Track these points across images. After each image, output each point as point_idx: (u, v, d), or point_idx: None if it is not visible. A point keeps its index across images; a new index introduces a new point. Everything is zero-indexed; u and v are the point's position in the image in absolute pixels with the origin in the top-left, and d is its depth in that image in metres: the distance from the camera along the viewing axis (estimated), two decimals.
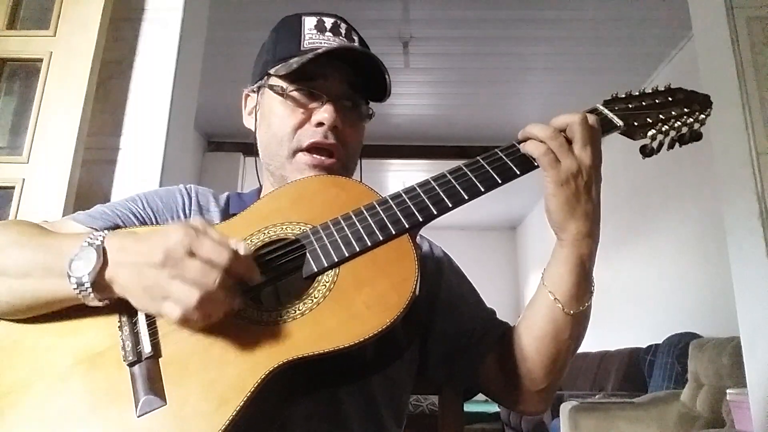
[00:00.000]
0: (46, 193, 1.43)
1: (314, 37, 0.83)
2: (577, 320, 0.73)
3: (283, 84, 0.83)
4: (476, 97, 4.65)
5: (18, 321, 0.64)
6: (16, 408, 0.58)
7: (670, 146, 0.78)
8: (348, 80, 0.83)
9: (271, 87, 0.84)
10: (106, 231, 0.63)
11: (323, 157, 0.81)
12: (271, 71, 0.84)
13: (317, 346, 0.59)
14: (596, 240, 0.72)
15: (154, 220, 0.81)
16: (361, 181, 0.78)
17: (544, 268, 0.75)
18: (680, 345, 3.32)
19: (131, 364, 0.60)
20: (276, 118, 0.83)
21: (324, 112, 0.80)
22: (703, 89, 0.80)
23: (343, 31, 0.85)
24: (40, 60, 1.53)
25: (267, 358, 0.58)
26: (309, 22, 0.84)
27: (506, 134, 5.17)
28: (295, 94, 0.82)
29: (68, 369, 0.60)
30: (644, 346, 3.83)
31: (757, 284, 1.59)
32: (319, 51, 0.79)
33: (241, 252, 0.59)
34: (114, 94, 1.58)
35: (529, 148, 0.70)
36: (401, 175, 6.56)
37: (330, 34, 0.83)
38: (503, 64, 4.08)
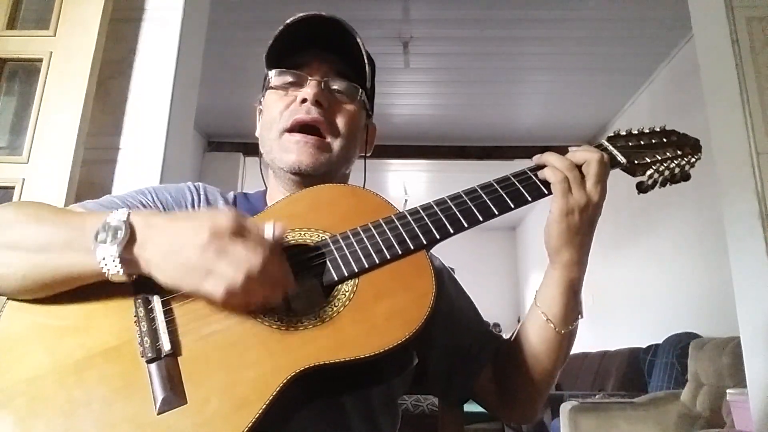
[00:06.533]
0: (46, 194, 1.43)
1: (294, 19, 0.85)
2: (566, 338, 0.78)
3: (272, 77, 0.87)
4: (476, 97, 4.64)
5: (29, 301, 0.63)
6: (30, 399, 0.58)
7: (662, 184, 0.82)
8: (335, 68, 0.86)
9: (265, 86, 0.88)
10: (128, 209, 0.63)
11: (309, 135, 0.83)
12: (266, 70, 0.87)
13: (337, 355, 0.60)
14: (584, 267, 0.77)
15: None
16: (365, 181, 0.79)
17: (539, 273, 0.77)
18: (680, 345, 3.31)
19: (150, 361, 0.60)
20: (267, 108, 0.87)
21: (307, 88, 0.83)
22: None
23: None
24: (40, 60, 1.53)
25: (288, 363, 0.59)
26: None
27: (506, 134, 5.21)
28: (281, 81, 0.86)
29: (82, 362, 0.60)
30: (644, 346, 3.82)
31: (757, 284, 1.59)
32: (288, 21, 0.82)
33: (278, 231, 0.62)
34: (114, 94, 1.58)
35: (547, 173, 0.74)
36: (401, 175, 6.56)
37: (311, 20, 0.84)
38: (503, 64, 4.07)
